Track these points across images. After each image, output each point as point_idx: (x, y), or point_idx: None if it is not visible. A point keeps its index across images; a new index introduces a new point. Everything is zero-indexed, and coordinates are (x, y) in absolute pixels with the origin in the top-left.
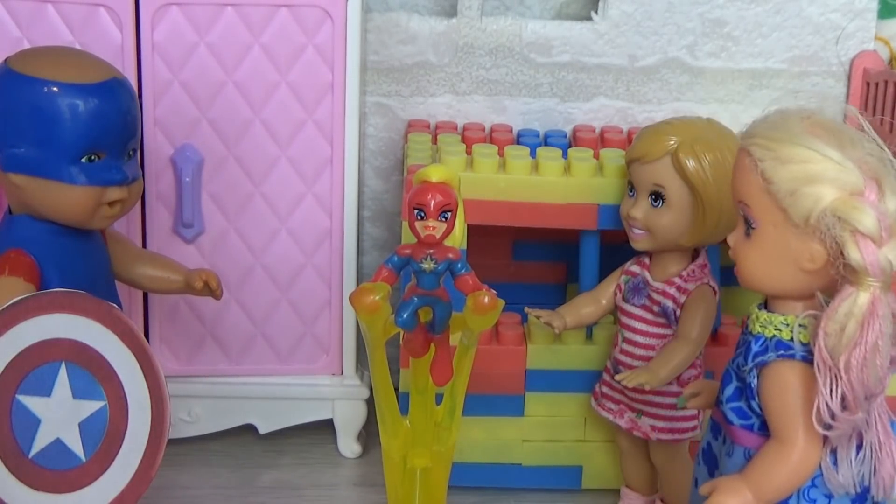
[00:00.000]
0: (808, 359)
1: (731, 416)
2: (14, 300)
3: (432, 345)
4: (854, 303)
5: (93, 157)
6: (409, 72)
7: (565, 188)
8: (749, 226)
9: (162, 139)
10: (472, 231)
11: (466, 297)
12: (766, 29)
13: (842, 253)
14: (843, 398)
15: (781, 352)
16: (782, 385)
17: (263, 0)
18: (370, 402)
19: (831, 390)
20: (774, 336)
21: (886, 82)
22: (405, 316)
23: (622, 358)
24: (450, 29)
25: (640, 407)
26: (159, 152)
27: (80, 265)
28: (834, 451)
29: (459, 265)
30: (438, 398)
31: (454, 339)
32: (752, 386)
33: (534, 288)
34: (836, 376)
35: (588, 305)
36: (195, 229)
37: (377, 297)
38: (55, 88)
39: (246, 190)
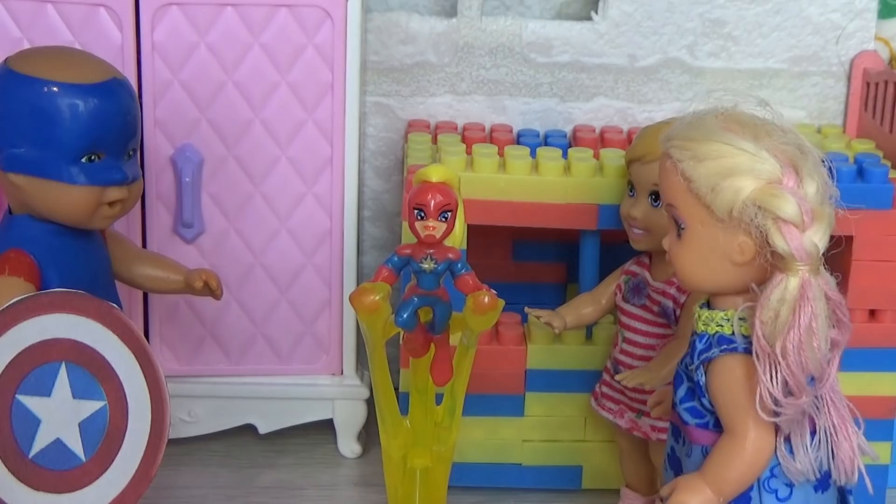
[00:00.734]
0: (749, 350)
1: (686, 417)
2: (14, 300)
3: (432, 345)
4: (785, 289)
5: (93, 157)
6: (409, 72)
7: (565, 188)
8: (679, 227)
9: (162, 139)
10: (472, 231)
11: (466, 297)
12: (766, 29)
13: (768, 241)
14: (786, 384)
15: (724, 346)
16: (728, 378)
17: (263, 0)
18: (370, 402)
19: (771, 377)
20: (717, 332)
21: (886, 82)
22: (405, 316)
23: (622, 358)
24: (450, 29)
25: (640, 407)
26: (159, 152)
27: (80, 265)
28: (788, 440)
29: (459, 265)
30: (438, 398)
31: (454, 339)
32: (701, 384)
33: (534, 288)
34: (774, 363)
35: (588, 305)
36: (195, 229)
37: (377, 297)
38: (55, 88)
39: (246, 190)
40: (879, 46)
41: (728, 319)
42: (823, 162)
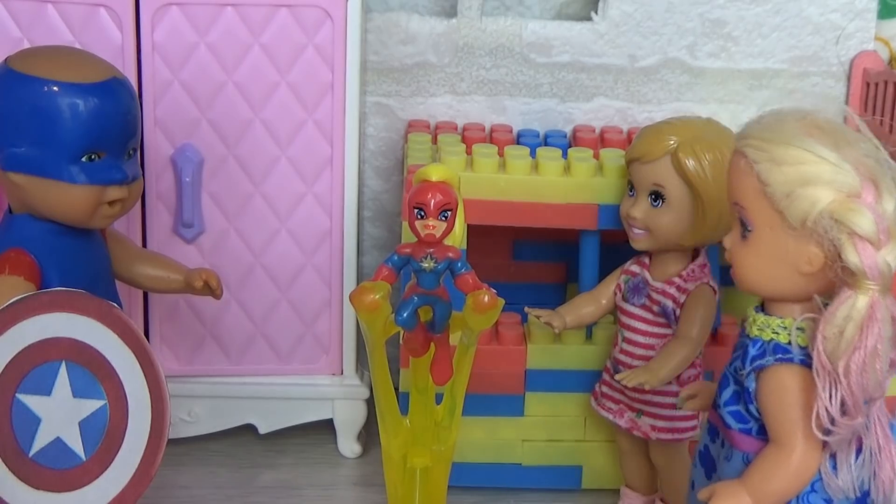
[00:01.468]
0: (806, 363)
1: (729, 420)
2: (14, 299)
3: (432, 344)
4: (853, 306)
5: (93, 157)
6: (409, 72)
7: (565, 188)
8: (745, 228)
9: (162, 139)
10: (472, 231)
11: (466, 296)
12: (766, 29)
13: (839, 256)
14: (843, 403)
15: (780, 355)
16: (781, 389)
17: (263, 0)
18: (370, 402)
19: (831, 395)
20: (772, 339)
21: (886, 82)
22: (405, 315)
23: (622, 358)
24: (450, 29)
25: (639, 407)
26: (159, 152)
27: (81, 265)
28: (833, 456)
29: (459, 264)
30: (438, 398)
31: (454, 338)
32: (751, 390)
33: (534, 288)
34: (835, 381)
35: (588, 305)
36: (195, 229)
37: (377, 297)
38: (55, 88)
39: (246, 190)
40: (879, 46)
41: (785, 328)
42: None
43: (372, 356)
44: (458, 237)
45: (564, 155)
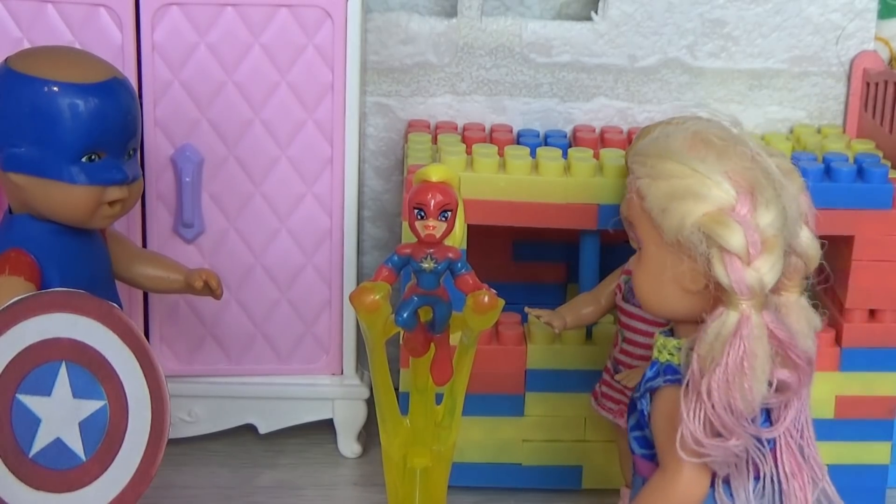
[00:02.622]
0: None
1: (634, 446)
2: (14, 300)
3: (432, 344)
4: (723, 323)
5: (93, 157)
6: (409, 72)
7: (565, 188)
8: (638, 246)
9: (162, 139)
10: (472, 231)
11: (466, 296)
12: (766, 29)
13: (710, 271)
14: (711, 423)
15: (669, 377)
16: (666, 411)
17: (263, 0)
18: (370, 402)
19: (693, 414)
20: (667, 361)
21: (886, 82)
22: (405, 315)
23: (622, 358)
24: (450, 29)
25: None
26: (159, 152)
27: (81, 265)
28: (727, 482)
29: (459, 265)
30: (438, 398)
31: (454, 338)
32: (645, 413)
33: (534, 288)
34: (700, 400)
35: (588, 305)
36: (195, 229)
37: (377, 297)
38: (55, 88)
39: (246, 190)
40: (879, 46)
41: (679, 348)
42: (801, 194)
43: (372, 356)
44: (458, 237)
45: (564, 155)
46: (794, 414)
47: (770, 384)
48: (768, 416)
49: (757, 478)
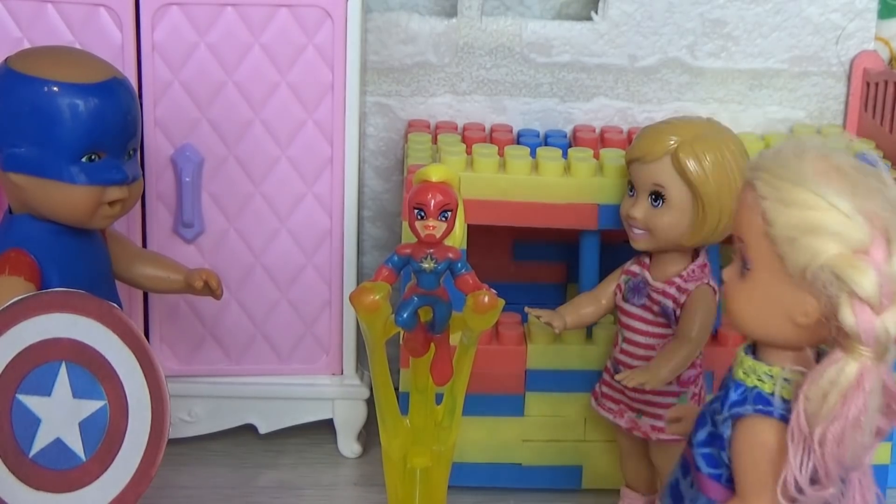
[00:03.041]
0: (786, 418)
1: (700, 462)
2: (14, 300)
3: (432, 344)
4: (841, 370)
5: (93, 157)
6: (409, 72)
7: (565, 188)
8: (745, 265)
9: (162, 139)
10: (472, 231)
11: (466, 296)
12: (766, 29)
13: (836, 314)
14: (814, 471)
15: (760, 406)
16: (755, 443)
17: (263, 0)
18: (370, 402)
19: (802, 462)
20: (755, 387)
21: (886, 82)
22: (405, 315)
23: (622, 358)
24: (450, 29)
25: (640, 407)
26: (159, 152)
27: (81, 265)
28: None
29: (459, 265)
30: (438, 398)
31: (454, 338)
32: (725, 436)
33: (534, 288)
34: (808, 447)
35: (588, 305)
36: (195, 229)
37: (377, 297)
38: (55, 88)
39: (246, 190)
40: (879, 46)
41: (771, 376)
42: None
43: (372, 356)
44: (458, 237)
45: (564, 155)
46: (871, 456)
47: (873, 434)
48: None
49: None
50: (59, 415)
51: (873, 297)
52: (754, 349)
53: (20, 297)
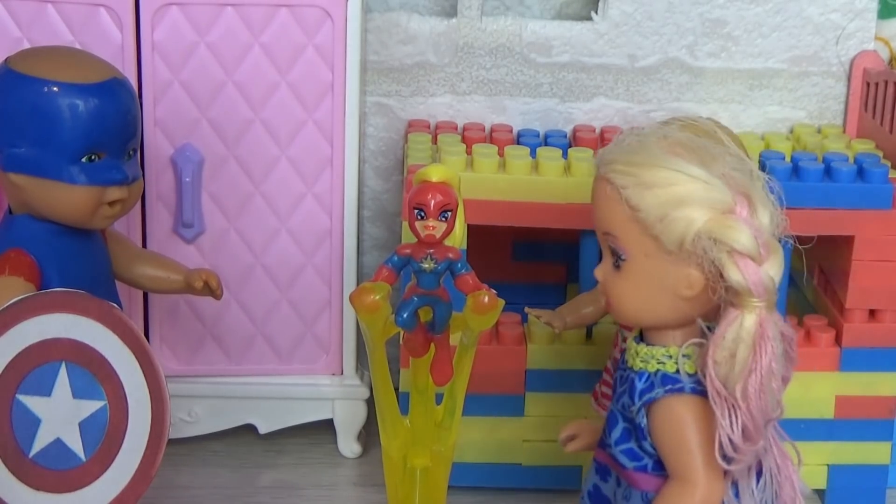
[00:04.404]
0: (697, 390)
1: (623, 459)
2: (14, 300)
3: (432, 345)
4: (741, 326)
5: (93, 157)
6: (409, 72)
7: (565, 188)
8: (618, 257)
9: (162, 139)
10: (472, 231)
11: (466, 296)
12: (766, 29)
13: (721, 276)
14: (744, 428)
15: (669, 386)
16: (675, 421)
17: (263, 0)
18: (370, 402)
19: (731, 421)
20: (658, 370)
21: (886, 82)
22: (405, 316)
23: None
24: (450, 29)
25: None
26: (159, 152)
27: (81, 265)
28: (735, 483)
29: (459, 265)
30: (438, 398)
31: (454, 339)
32: (642, 426)
33: (534, 288)
34: (733, 406)
35: (588, 305)
36: (195, 229)
37: (377, 297)
38: (55, 88)
39: (246, 190)
40: (879, 46)
41: (670, 356)
42: (771, 188)
43: (372, 356)
44: (458, 237)
45: (564, 155)
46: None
47: (783, 381)
48: None
49: (759, 474)
50: (59, 415)
51: (753, 250)
52: (642, 338)
53: (20, 297)
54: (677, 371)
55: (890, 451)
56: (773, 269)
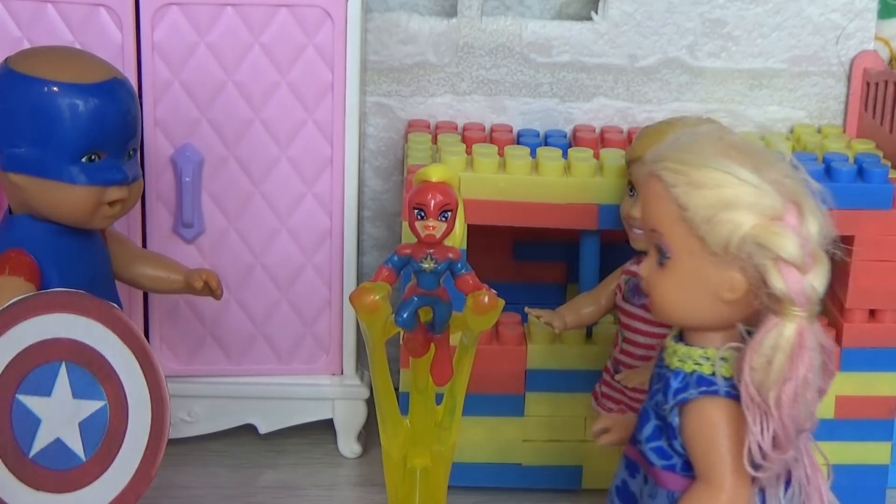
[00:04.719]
0: (731, 394)
1: (652, 457)
2: (14, 300)
3: (432, 345)
4: (780, 334)
5: (93, 157)
6: (409, 72)
7: (565, 188)
8: (663, 255)
9: (162, 139)
10: (472, 231)
11: (466, 296)
12: (766, 29)
13: (764, 282)
14: (774, 436)
15: (704, 388)
16: (707, 424)
17: (263, 0)
18: (370, 402)
19: (762, 429)
20: (695, 371)
21: (886, 82)
22: (405, 316)
23: (622, 358)
24: (450, 29)
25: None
26: (159, 152)
27: (81, 265)
28: (762, 490)
29: (459, 265)
30: (438, 398)
31: (454, 339)
32: (674, 425)
33: (534, 288)
34: (765, 413)
35: (588, 305)
36: (195, 229)
37: (377, 297)
38: (55, 88)
39: (246, 190)
40: (879, 46)
41: (707, 358)
42: (823, 199)
43: (372, 356)
44: (458, 237)
45: (564, 155)
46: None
47: (818, 393)
48: None
49: (787, 483)
50: (59, 415)
51: (798, 259)
52: (681, 337)
53: (20, 297)
54: (713, 373)
55: (890, 451)
56: (817, 280)
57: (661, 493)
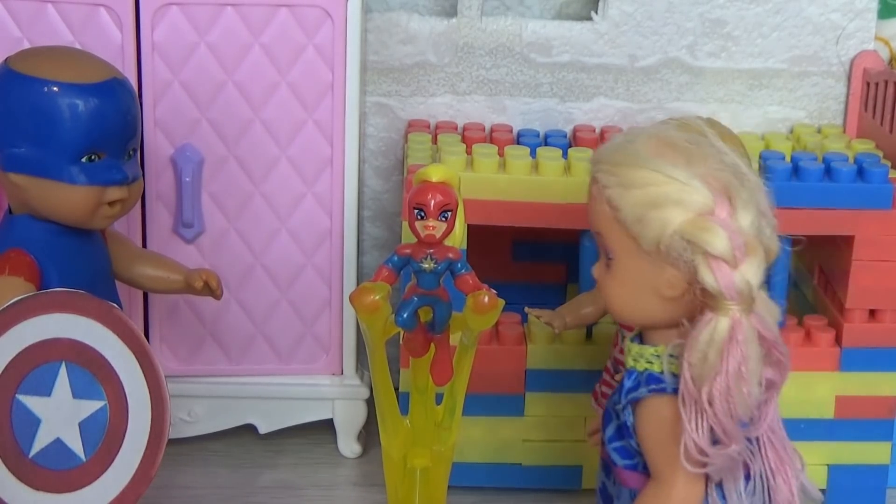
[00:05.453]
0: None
1: (615, 457)
2: (14, 300)
3: (432, 345)
4: (714, 329)
5: (93, 157)
6: (409, 72)
7: (565, 188)
8: (607, 257)
9: (162, 139)
10: (472, 231)
11: (466, 296)
12: (766, 29)
13: (696, 277)
14: (713, 431)
15: (653, 386)
16: (656, 421)
17: (263, 0)
18: (370, 402)
19: (697, 425)
20: (646, 370)
21: (886, 82)
22: (405, 316)
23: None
24: (450, 29)
25: None
26: (159, 152)
27: (81, 265)
28: (720, 485)
29: (459, 265)
30: (438, 398)
31: (454, 339)
32: (629, 424)
33: (534, 288)
34: (700, 409)
35: (588, 305)
36: (195, 229)
37: (377, 297)
38: (55, 88)
39: (246, 190)
40: (879, 46)
41: (658, 356)
42: (764, 188)
43: (372, 356)
44: (458, 237)
45: (564, 155)
46: (773, 410)
47: (760, 385)
48: None
49: (747, 477)
50: (59, 415)
51: (727, 253)
52: (641, 338)
53: (20, 297)
54: (662, 371)
55: (890, 451)
56: (750, 273)
57: (624, 492)
